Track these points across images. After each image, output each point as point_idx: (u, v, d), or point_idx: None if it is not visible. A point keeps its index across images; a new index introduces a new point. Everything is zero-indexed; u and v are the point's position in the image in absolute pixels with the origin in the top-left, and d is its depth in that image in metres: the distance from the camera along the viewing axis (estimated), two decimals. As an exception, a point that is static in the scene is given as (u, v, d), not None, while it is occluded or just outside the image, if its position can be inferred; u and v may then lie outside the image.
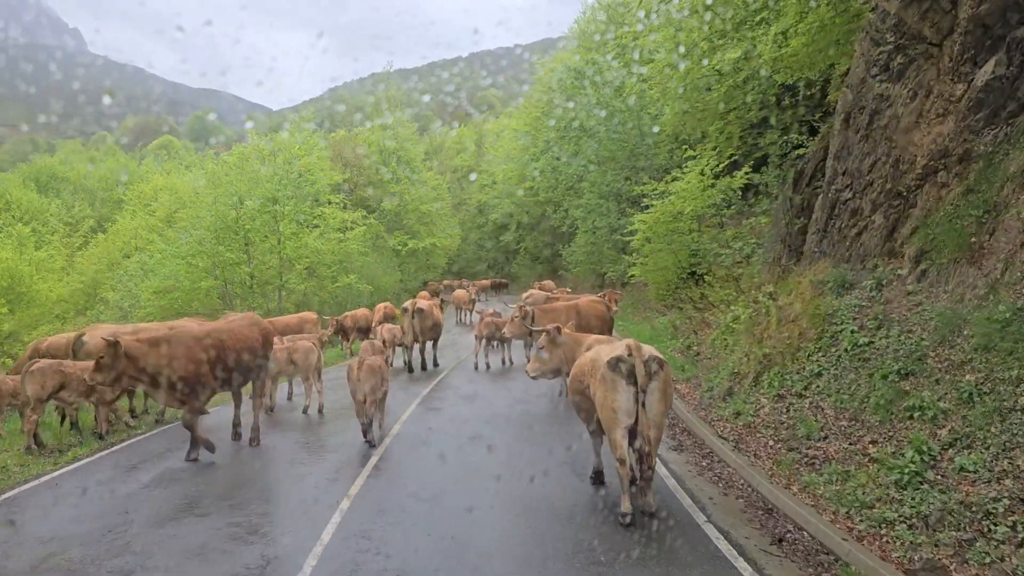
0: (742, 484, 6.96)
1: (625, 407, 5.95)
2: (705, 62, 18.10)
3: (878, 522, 5.46)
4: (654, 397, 5.97)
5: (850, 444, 6.88)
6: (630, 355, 6.06)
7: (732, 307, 15.67)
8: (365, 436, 8.84)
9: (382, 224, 41.07)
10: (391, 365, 13.29)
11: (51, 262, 37.64)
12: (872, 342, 7.94)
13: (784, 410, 8.47)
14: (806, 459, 7.11)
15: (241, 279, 29.52)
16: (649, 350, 6.21)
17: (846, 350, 8.21)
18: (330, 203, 34.12)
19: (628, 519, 5.95)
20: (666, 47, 22.47)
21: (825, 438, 7.28)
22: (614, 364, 6.06)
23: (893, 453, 6.21)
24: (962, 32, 8.22)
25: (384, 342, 12.28)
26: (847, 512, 5.79)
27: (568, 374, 7.75)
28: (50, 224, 49.97)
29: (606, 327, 13.02)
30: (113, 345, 7.78)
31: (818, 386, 8.23)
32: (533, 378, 8.29)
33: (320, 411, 11.26)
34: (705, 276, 19.19)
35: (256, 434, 9.33)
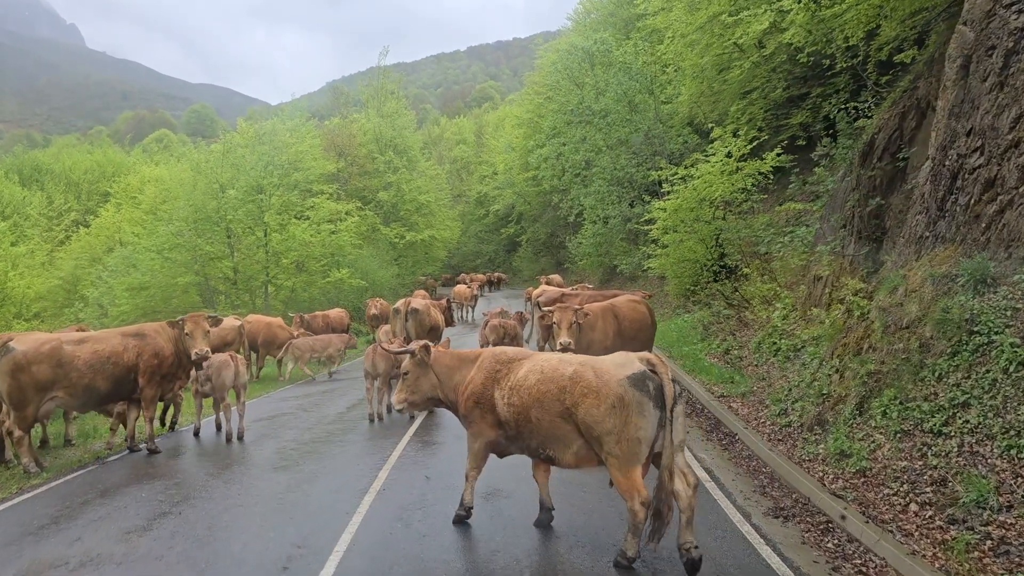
0: (909, 592, 4.59)
1: (650, 437, 4.83)
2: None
3: None
4: (679, 423, 4.85)
5: (1064, 523, 4.54)
6: (654, 372, 4.88)
7: (776, 304, 13.45)
8: (371, 420, 10.08)
9: (378, 216, 38.61)
10: None
11: (30, 258, 35.36)
12: (1050, 361, 5.59)
13: (917, 454, 6.11)
14: (989, 542, 4.76)
15: (224, 274, 27.24)
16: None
17: (1005, 371, 5.85)
18: (322, 193, 31.78)
19: (631, 563, 4.92)
20: (683, 22, 20.27)
21: (1010, 507, 4.93)
22: (640, 382, 4.83)
23: None
24: None
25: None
26: None
27: (453, 403, 5.85)
28: (31, 218, 47.61)
29: (649, 337, 10.54)
30: None
31: (967, 421, 5.87)
32: (399, 411, 6.10)
33: (240, 437, 9.41)
34: (742, 269, 16.87)
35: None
